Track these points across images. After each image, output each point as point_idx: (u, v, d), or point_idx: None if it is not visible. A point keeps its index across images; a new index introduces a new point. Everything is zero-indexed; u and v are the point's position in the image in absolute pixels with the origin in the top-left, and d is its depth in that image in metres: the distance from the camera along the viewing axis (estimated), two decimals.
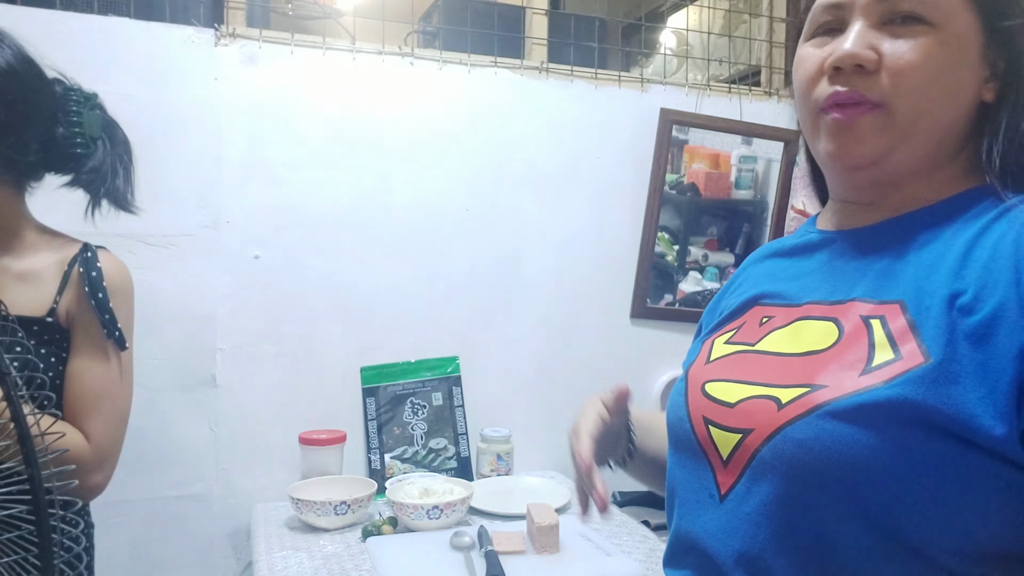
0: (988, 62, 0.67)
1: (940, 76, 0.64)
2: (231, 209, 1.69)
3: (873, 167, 0.68)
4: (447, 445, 1.83)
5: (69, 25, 1.56)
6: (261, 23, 1.76)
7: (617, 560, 1.35)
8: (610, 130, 1.98)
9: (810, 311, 0.70)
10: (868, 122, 0.65)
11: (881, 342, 0.61)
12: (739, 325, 0.78)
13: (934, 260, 0.64)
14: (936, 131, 0.66)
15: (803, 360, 0.66)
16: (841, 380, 0.61)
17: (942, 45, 0.64)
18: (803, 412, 0.61)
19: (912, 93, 0.64)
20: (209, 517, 1.68)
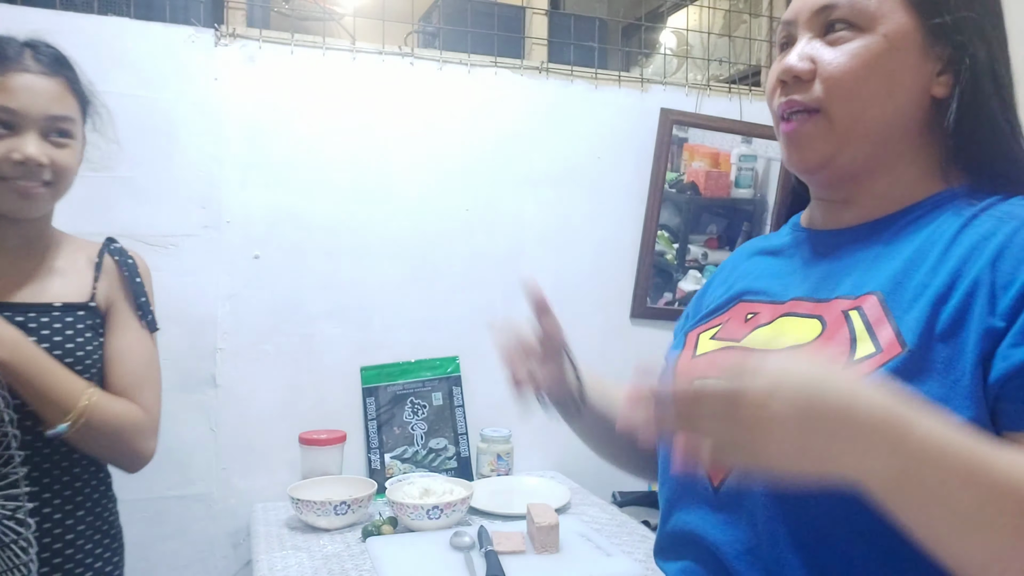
0: (934, 57, 0.69)
1: (871, 78, 0.68)
2: (231, 209, 1.69)
3: (824, 169, 0.72)
4: (447, 445, 1.83)
5: (69, 25, 1.56)
6: (261, 23, 1.76)
7: (617, 560, 1.35)
8: (610, 130, 1.98)
9: (794, 307, 0.73)
10: (809, 128, 0.70)
11: (861, 334, 0.64)
12: (724, 320, 0.80)
13: (913, 256, 0.66)
14: (877, 129, 0.69)
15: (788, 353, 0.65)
16: None
17: (870, 49, 0.68)
18: None
19: (844, 96, 0.68)
20: (209, 517, 1.68)
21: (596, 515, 1.63)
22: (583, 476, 1.92)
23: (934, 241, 0.66)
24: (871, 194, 0.72)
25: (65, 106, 1.10)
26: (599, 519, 1.60)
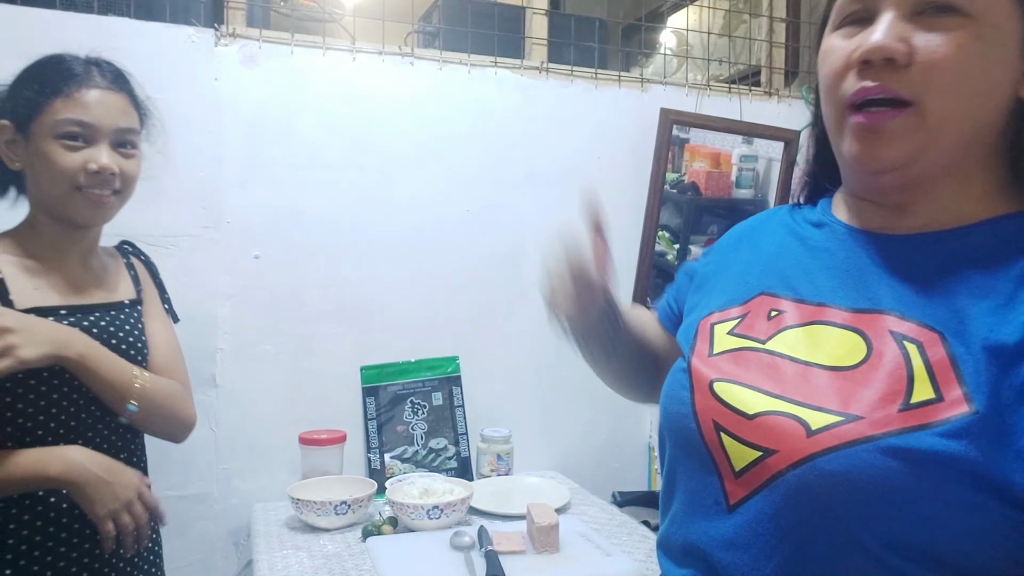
0: (1015, 53, 0.62)
1: (976, 72, 0.60)
2: (231, 209, 1.69)
3: (900, 170, 0.64)
4: (447, 445, 1.83)
5: (69, 25, 1.56)
6: (261, 23, 1.76)
7: (617, 560, 1.35)
8: (610, 130, 1.98)
9: (826, 315, 0.66)
10: (897, 125, 0.62)
11: (920, 375, 0.58)
12: (743, 314, 0.73)
13: (977, 293, 0.60)
14: (967, 131, 0.62)
15: (830, 377, 0.62)
16: (878, 414, 0.57)
17: (978, 38, 0.59)
18: (837, 444, 0.57)
19: (945, 90, 0.60)
20: (209, 517, 1.68)
21: (596, 515, 1.63)
22: (583, 476, 1.92)
23: (1006, 275, 0.59)
24: (933, 203, 0.65)
25: (131, 119, 1.19)
26: (599, 519, 1.60)
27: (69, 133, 1.12)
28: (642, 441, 2.04)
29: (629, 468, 2.03)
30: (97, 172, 1.12)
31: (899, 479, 0.54)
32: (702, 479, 0.68)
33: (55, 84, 1.12)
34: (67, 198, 1.13)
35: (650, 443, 2.03)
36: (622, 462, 2.03)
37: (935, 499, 0.54)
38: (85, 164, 1.12)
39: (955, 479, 0.54)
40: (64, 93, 1.12)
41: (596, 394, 2.00)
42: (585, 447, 2.00)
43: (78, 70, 1.15)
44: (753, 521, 0.62)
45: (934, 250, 0.64)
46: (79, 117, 1.12)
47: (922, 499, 0.54)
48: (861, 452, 0.56)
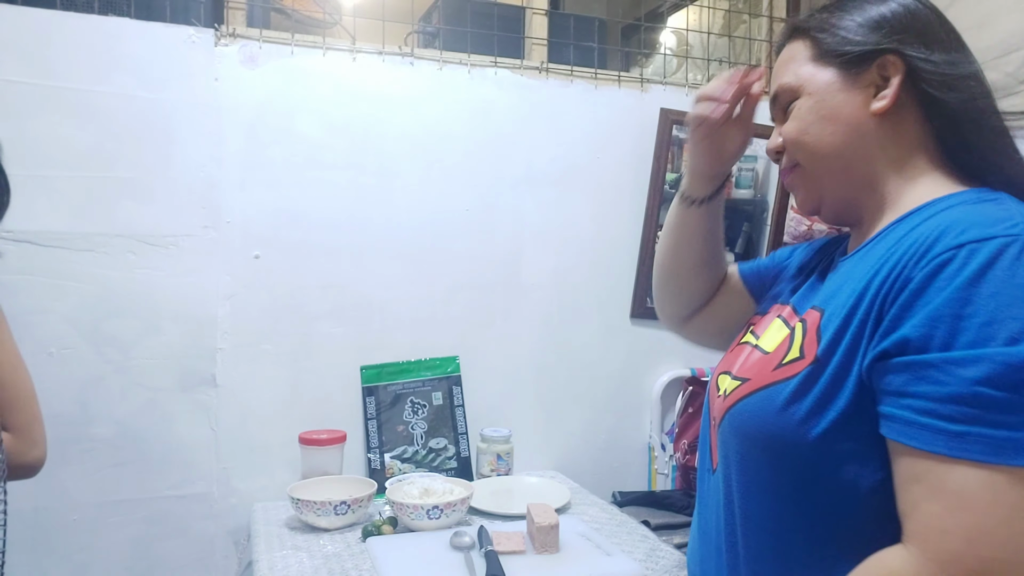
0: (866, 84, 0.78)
1: (813, 124, 0.80)
2: (231, 209, 1.69)
3: (820, 207, 0.84)
4: (447, 445, 1.83)
5: (69, 25, 1.56)
6: (261, 23, 1.76)
7: (617, 560, 1.35)
8: (610, 130, 1.98)
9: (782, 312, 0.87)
10: (794, 179, 0.85)
11: (796, 343, 0.76)
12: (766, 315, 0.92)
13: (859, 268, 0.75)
14: (837, 161, 0.80)
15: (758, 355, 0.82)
16: (761, 374, 0.77)
17: (803, 108, 0.81)
18: (734, 401, 0.79)
19: (802, 150, 0.82)
20: (209, 517, 1.68)
21: (596, 515, 1.63)
22: (583, 476, 1.92)
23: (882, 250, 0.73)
24: (870, 215, 0.81)
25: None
26: (599, 519, 1.60)
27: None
28: (642, 441, 2.05)
29: (629, 468, 2.03)
30: None
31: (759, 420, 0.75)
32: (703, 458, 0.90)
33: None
34: None
35: (650, 443, 2.03)
36: (622, 462, 2.03)
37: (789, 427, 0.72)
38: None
39: (788, 415, 0.72)
40: None
41: (596, 394, 2.01)
42: (585, 447, 2.00)
43: None
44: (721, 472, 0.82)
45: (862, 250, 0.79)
46: None
47: (781, 429, 0.72)
48: (744, 403, 0.78)
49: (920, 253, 0.66)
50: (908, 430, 0.63)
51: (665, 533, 1.62)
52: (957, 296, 0.62)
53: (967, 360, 0.61)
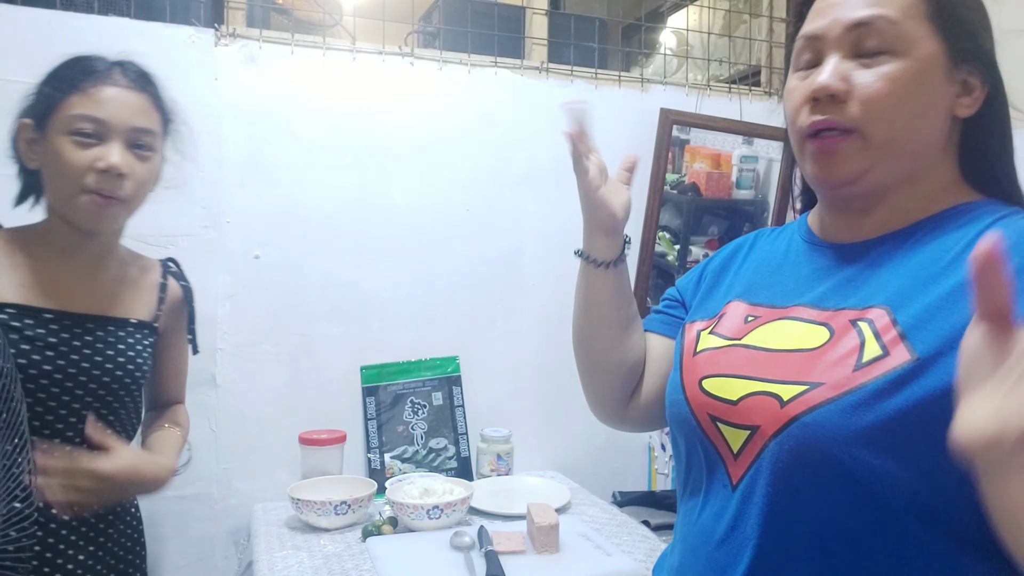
0: (956, 80, 0.73)
1: (906, 100, 0.70)
2: (231, 209, 1.69)
3: (852, 184, 0.74)
4: (447, 445, 1.83)
5: (69, 25, 1.56)
6: (261, 23, 1.76)
7: (617, 560, 1.35)
8: (610, 130, 1.97)
9: (797, 313, 0.75)
10: (844, 147, 0.72)
11: (870, 340, 0.66)
12: (720, 316, 0.83)
13: (925, 267, 0.69)
14: (909, 148, 0.72)
15: (796, 357, 0.71)
16: (836, 377, 0.66)
17: (906, 72, 0.70)
18: (806, 409, 0.66)
19: (881, 117, 0.71)
20: (209, 517, 1.68)
21: (596, 515, 1.62)
22: (583, 476, 1.92)
23: (948, 250, 0.69)
24: (889, 206, 0.75)
25: (149, 119, 1.13)
26: (599, 519, 1.60)
27: (80, 129, 1.07)
28: (642, 441, 2.04)
29: (629, 468, 2.03)
30: (105, 171, 1.06)
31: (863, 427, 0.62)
32: (710, 467, 0.75)
33: (73, 80, 1.09)
34: (73, 199, 1.08)
35: (650, 443, 2.03)
36: (622, 462, 2.03)
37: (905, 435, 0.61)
38: (94, 162, 1.06)
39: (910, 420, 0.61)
40: (80, 89, 1.08)
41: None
42: (585, 447, 2.00)
43: (99, 67, 1.11)
44: (747, 490, 0.69)
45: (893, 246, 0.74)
46: (92, 113, 1.07)
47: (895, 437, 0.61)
48: (826, 412, 0.64)
49: None
50: None
51: (665, 533, 1.61)
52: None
53: None
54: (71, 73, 1.10)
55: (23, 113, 1.12)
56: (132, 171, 1.10)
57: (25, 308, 1.07)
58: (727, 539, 0.71)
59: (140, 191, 1.13)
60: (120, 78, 1.11)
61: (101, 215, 1.10)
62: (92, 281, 1.16)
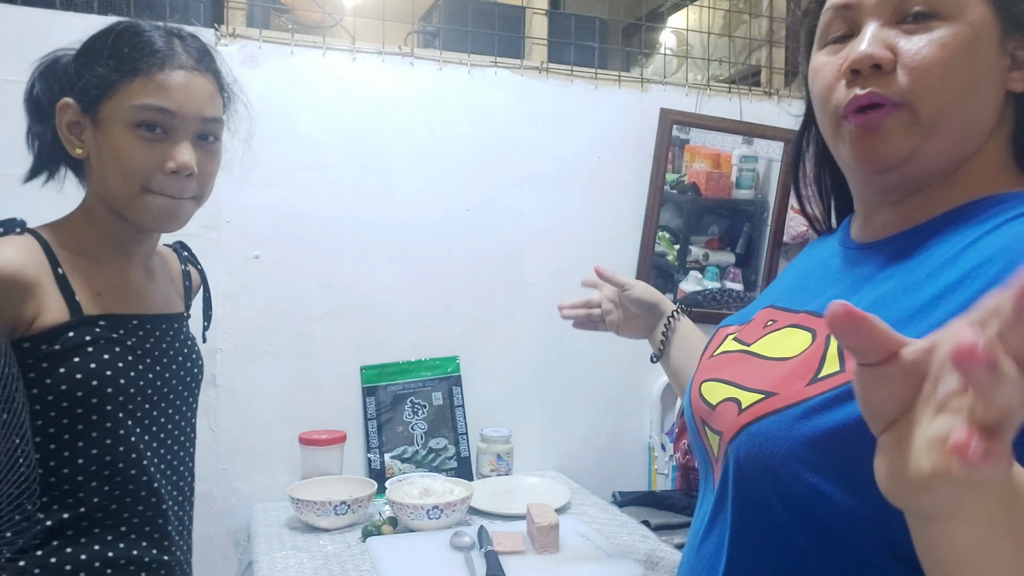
0: (1008, 51, 0.64)
1: (959, 69, 0.62)
2: (231, 209, 1.69)
3: (901, 167, 0.65)
4: (447, 445, 1.83)
5: (69, 25, 1.55)
6: (261, 23, 1.76)
7: (617, 560, 1.35)
8: (610, 130, 1.98)
9: (803, 320, 0.71)
10: (893, 122, 0.63)
11: (832, 354, 0.61)
12: (749, 323, 0.79)
13: (912, 271, 0.63)
14: (961, 125, 0.64)
15: (773, 365, 0.68)
16: (790, 388, 0.62)
17: (958, 38, 0.62)
18: (756, 417, 0.63)
19: (932, 89, 0.62)
20: (209, 517, 1.68)
21: (596, 515, 1.62)
22: (583, 476, 1.92)
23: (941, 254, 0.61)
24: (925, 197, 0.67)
25: (217, 106, 1.01)
26: (599, 519, 1.60)
27: (148, 121, 0.93)
28: (642, 441, 2.04)
29: (629, 468, 2.03)
30: (175, 172, 0.94)
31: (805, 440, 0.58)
32: (705, 468, 0.75)
33: (133, 60, 0.94)
34: (136, 200, 0.95)
35: (650, 443, 2.03)
36: (622, 462, 2.03)
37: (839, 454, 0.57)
38: (162, 162, 0.94)
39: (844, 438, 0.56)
40: (143, 72, 0.93)
41: (596, 394, 2.01)
42: (585, 447, 2.00)
43: (160, 44, 0.96)
44: (720, 494, 0.69)
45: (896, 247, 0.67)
46: (161, 103, 0.93)
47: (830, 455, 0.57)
48: (770, 423, 0.62)
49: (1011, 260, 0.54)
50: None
51: (665, 533, 1.61)
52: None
53: None
54: (129, 50, 0.95)
55: (64, 90, 0.97)
56: (201, 167, 0.98)
57: (113, 318, 0.97)
58: (708, 540, 0.70)
59: (208, 185, 1.02)
60: (184, 57, 0.97)
61: (170, 217, 0.98)
62: (151, 279, 1.08)
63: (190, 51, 0.99)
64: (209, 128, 0.99)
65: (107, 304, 0.97)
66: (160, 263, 1.14)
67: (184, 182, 0.97)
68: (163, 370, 1.02)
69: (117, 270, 1.01)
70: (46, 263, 0.93)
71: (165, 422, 1.03)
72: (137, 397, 0.97)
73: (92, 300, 0.96)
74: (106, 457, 0.95)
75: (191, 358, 1.09)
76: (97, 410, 0.93)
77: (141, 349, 0.99)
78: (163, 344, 1.03)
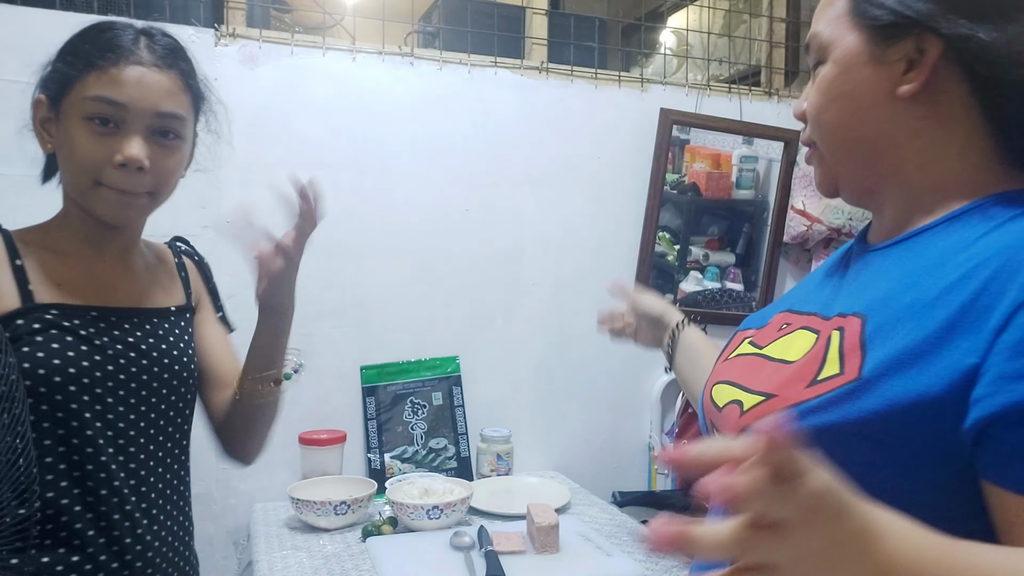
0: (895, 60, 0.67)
1: (833, 101, 0.71)
2: (231, 209, 1.69)
3: (838, 192, 0.76)
4: (447, 445, 1.83)
5: (69, 25, 1.55)
6: (261, 23, 1.76)
7: (617, 560, 1.35)
8: (610, 130, 1.98)
9: (811, 321, 0.73)
10: (814, 159, 0.78)
11: (833, 356, 0.64)
12: (764, 326, 0.81)
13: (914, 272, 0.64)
14: (857, 149, 0.71)
15: (779, 367, 0.70)
16: (791, 391, 0.65)
17: (830, 74, 0.72)
18: (753, 420, 0.66)
19: (819, 129, 0.74)
20: (209, 517, 1.68)
21: (596, 515, 1.62)
22: (583, 476, 1.92)
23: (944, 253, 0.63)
24: (892, 203, 0.72)
25: (177, 103, 0.99)
26: (599, 519, 1.60)
27: (99, 114, 0.93)
28: (642, 441, 2.04)
29: (629, 468, 2.03)
30: (124, 165, 0.94)
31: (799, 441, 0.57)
32: None
33: (91, 56, 0.95)
34: (89, 193, 0.96)
35: (650, 443, 2.03)
36: (622, 462, 2.03)
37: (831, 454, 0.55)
38: (111, 155, 0.94)
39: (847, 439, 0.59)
40: (99, 67, 0.94)
41: (596, 394, 2.01)
42: (585, 447, 2.00)
43: (122, 42, 0.97)
44: None
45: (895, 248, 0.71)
46: (111, 95, 0.93)
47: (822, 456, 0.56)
48: None
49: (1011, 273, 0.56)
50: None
51: None
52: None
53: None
54: (90, 46, 0.97)
55: (39, 86, 1.00)
56: (155, 163, 0.97)
57: (69, 307, 0.97)
58: None
59: (164, 183, 1.01)
60: (146, 54, 0.97)
61: (121, 211, 0.99)
62: (126, 272, 1.07)
63: (154, 49, 0.99)
64: (167, 124, 0.98)
65: (66, 295, 0.97)
66: (149, 259, 1.14)
67: (135, 177, 0.96)
68: (129, 364, 1.00)
69: (85, 263, 1.02)
70: (5, 255, 0.96)
71: (135, 419, 1.01)
72: (96, 389, 0.96)
73: (51, 291, 0.96)
74: (60, 448, 0.94)
75: (171, 354, 1.05)
76: (50, 399, 0.93)
77: (100, 340, 0.98)
78: (130, 338, 1.01)
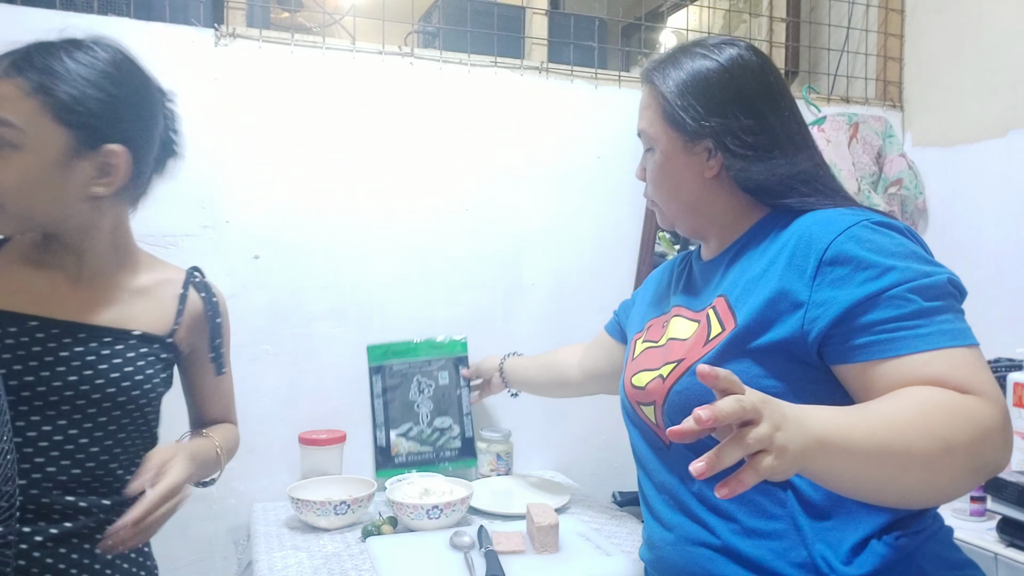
0: (699, 152, 1.01)
1: (663, 181, 1.06)
2: (231, 209, 1.69)
3: (676, 229, 1.11)
4: (452, 424, 1.81)
5: (69, 25, 1.55)
6: (261, 23, 1.76)
7: (617, 560, 1.35)
8: (610, 130, 1.98)
9: (680, 312, 1.06)
10: (656, 210, 1.12)
11: (715, 323, 0.95)
12: (649, 327, 1.13)
13: (747, 263, 0.97)
14: (685, 209, 1.06)
15: (677, 343, 1.00)
16: (694, 352, 0.95)
17: (657, 161, 1.05)
18: (674, 381, 0.96)
19: (658, 199, 1.09)
20: (209, 517, 1.68)
21: (596, 515, 1.63)
22: (583, 476, 1.92)
23: (761, 248, 0.97)
24: (713, 235, 1.06)
25: (10, 108, 0.95)
26: (599, 519, 1.60)
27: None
28: None
29: (629, 468, 2.00)
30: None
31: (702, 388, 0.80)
32: (648, 439, 1.06)
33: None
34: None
35: None
36: (622, 462, 2.03)
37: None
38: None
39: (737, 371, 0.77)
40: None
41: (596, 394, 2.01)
42: (585, 447, 2.00)
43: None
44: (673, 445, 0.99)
45: (723, 259, 1.04)
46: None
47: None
48: (685, 379, 0.95)
49: (806, 246, 0.89)
50: (916, 342, 0.81)
51: None
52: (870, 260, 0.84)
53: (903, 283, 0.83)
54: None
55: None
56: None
57: (8, 315, 1.00)
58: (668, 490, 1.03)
59: (4, 193, 0.97)
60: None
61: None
62: (89, 288, 1.07)
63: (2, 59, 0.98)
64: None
65: (15, 302, 1.02)
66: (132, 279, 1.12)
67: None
68: (54, 378, 1.00)
69: (46, 275, 1.06)
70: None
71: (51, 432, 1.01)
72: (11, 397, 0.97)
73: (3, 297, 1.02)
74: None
75: (111, 377, 1.03)
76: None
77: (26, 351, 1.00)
78: (66, 353, 1.01)
